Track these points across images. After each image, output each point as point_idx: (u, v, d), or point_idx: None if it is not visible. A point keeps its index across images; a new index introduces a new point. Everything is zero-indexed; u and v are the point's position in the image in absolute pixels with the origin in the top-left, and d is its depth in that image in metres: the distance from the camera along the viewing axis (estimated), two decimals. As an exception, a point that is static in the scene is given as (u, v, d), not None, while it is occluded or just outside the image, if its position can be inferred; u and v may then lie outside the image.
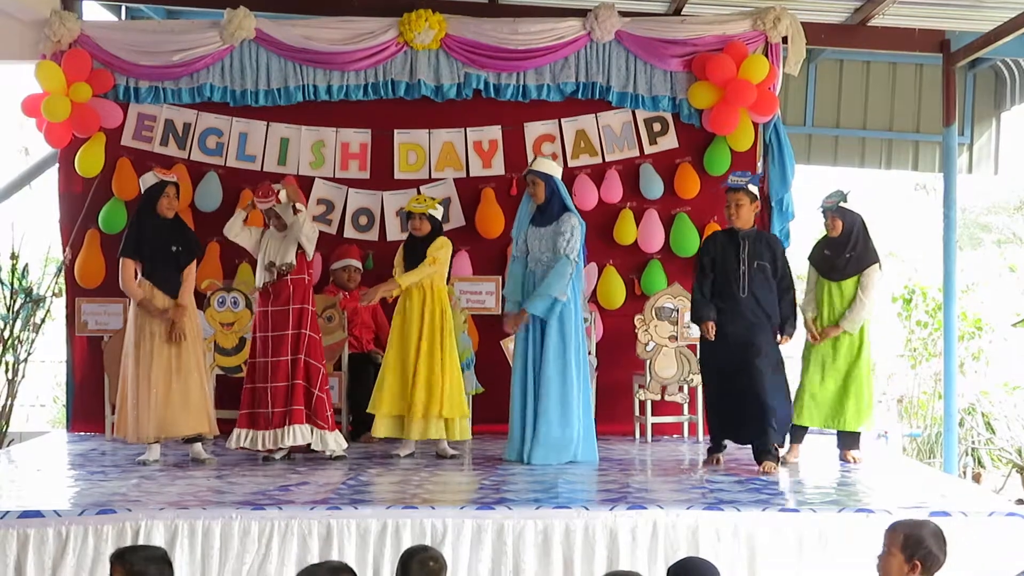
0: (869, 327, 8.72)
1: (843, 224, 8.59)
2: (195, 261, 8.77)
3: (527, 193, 8.83)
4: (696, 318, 8.63)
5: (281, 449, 8.62)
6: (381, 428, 8.87)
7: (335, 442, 8.68)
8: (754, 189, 8.54)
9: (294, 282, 8.67)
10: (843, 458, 8.69)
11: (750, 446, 8.37)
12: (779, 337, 8.49)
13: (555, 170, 8.83)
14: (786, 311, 8.51)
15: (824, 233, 8.80)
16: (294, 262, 8.64)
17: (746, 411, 8.27)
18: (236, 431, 8.65)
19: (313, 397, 8.60)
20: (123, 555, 4.98)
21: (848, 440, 8.72)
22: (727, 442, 8.68)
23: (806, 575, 6.37)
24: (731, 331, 8.39)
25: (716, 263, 8.54)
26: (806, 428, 8.77)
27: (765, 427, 8.22)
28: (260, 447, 8.59)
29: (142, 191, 8.67)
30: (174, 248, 8.57)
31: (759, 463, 8.21)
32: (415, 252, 8.86)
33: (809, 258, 8.84)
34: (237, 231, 8.84)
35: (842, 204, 8.57)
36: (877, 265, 8.62)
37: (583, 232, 8.76)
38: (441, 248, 8.85)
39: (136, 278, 8.53)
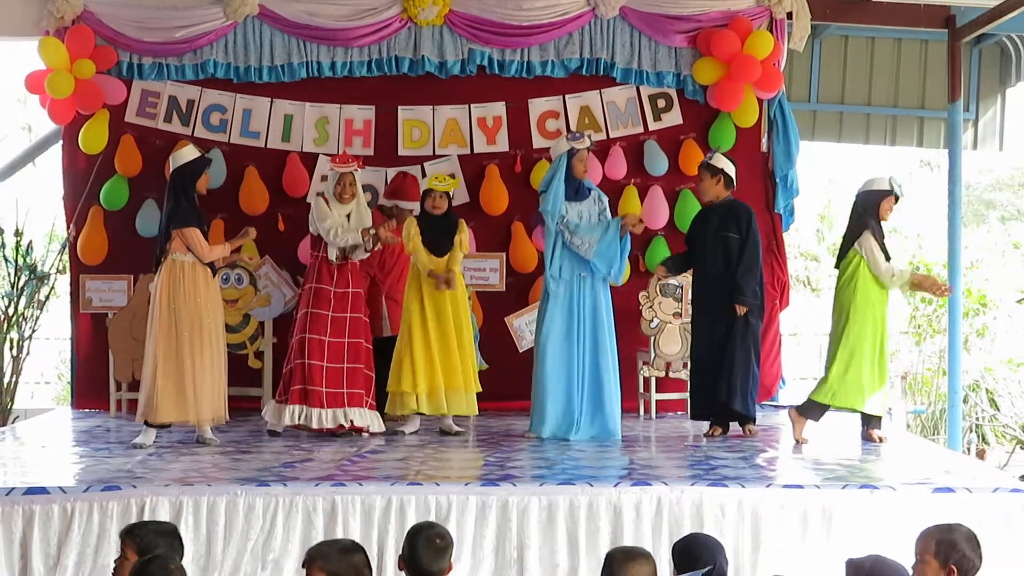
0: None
1: None
2: None
3: (569, 172, 8.78)
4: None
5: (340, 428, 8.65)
6: (424, 404, 8.81)
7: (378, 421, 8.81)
8: (719, 164, 8.81)
9: (352, 265, 8.72)
10: (867, 437, 8.54)
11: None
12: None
13: None
14: (740, 280, 8.61)
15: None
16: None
17: (729, 382, 8.68)
18: (288, 407, 8.60)
19: (370, 380, 8.73)
20: (132, 530, 4.98)
21: (874, 419, 8.65)
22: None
23: (810, 551, 6.38)
24: (709, 305, 8.76)
25: (696, 239, 8.92)
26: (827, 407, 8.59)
27: (746, 397, 8.74)
28: (315, 425, 8.59)
29: (176, 164, 8.36)
30: (206, 228, 8.46)
31: (743, 425, 8.81)
32: (434, 229, 8.82)
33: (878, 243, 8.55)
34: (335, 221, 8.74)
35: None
36: None
37: None
38: (465, 233, 8.93)
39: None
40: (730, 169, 8.82)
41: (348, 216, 8.74)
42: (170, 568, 4.46)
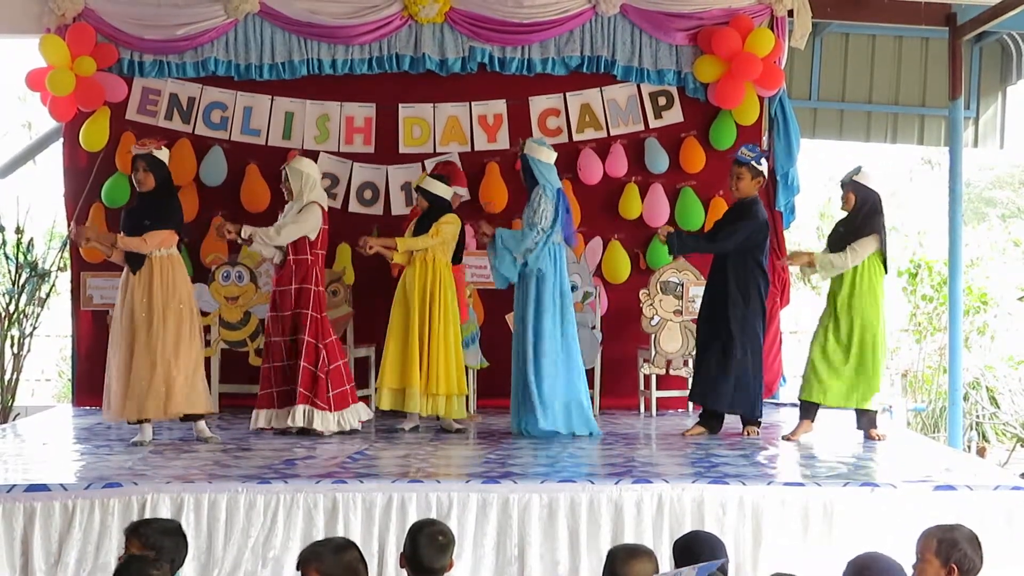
0: (883, 302, 8.63)
1: (856, 199, 8.48)
2: (168, 230, 8.24)
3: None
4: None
5: (289, 428, 8.63)
6: (385, 400, 8.87)
7: (339, 422, 8.63)
8: (760, 166, 8.68)
9: (296, 262, 8.63)
10: (868, 436, 8.52)
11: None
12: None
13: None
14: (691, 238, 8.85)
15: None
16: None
17: (730, 382, 8.65)
18: (255, 411, 8.71)
19: (315, 377, 8.57)
20: (137, 528, 4.99)
21: (865, 418, 8.63)
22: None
23: (811, 549, 6.39)
24: (711, 304, 8.75)
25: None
26: (818, 405, 8.58)
27: (748, 396, 8.69)
28: (276, 425, 8.63)
29: None
30: (147, 222, 8.21)
31: (744, 426, 8.74)
32: (422, 227, 8.88)
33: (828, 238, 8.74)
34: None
35: (855, 178, 8.49)
36: (874, 235, 8.42)
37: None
38: (448, 223, 8.84)
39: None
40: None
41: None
42: (150, 573, 4.45)
